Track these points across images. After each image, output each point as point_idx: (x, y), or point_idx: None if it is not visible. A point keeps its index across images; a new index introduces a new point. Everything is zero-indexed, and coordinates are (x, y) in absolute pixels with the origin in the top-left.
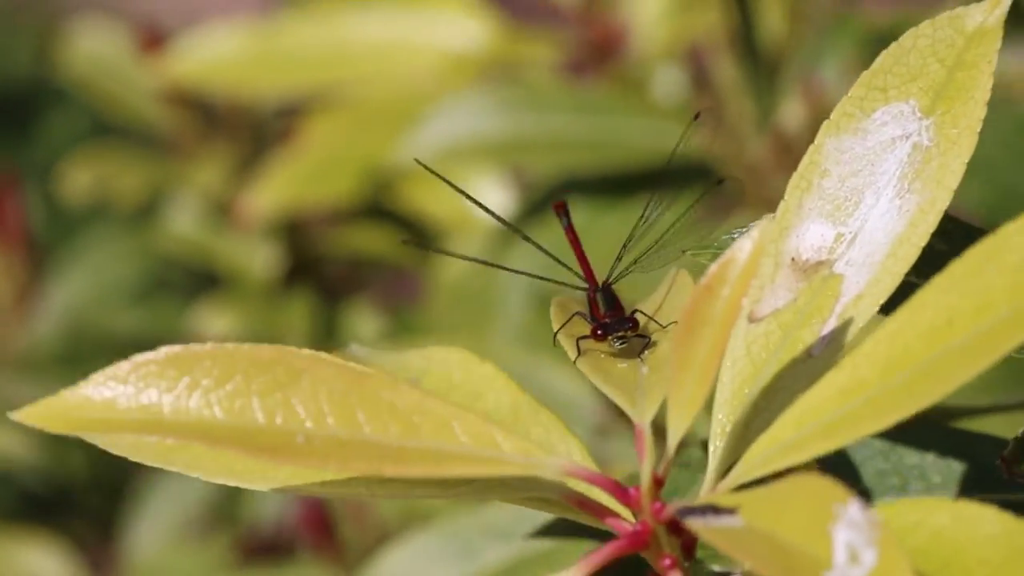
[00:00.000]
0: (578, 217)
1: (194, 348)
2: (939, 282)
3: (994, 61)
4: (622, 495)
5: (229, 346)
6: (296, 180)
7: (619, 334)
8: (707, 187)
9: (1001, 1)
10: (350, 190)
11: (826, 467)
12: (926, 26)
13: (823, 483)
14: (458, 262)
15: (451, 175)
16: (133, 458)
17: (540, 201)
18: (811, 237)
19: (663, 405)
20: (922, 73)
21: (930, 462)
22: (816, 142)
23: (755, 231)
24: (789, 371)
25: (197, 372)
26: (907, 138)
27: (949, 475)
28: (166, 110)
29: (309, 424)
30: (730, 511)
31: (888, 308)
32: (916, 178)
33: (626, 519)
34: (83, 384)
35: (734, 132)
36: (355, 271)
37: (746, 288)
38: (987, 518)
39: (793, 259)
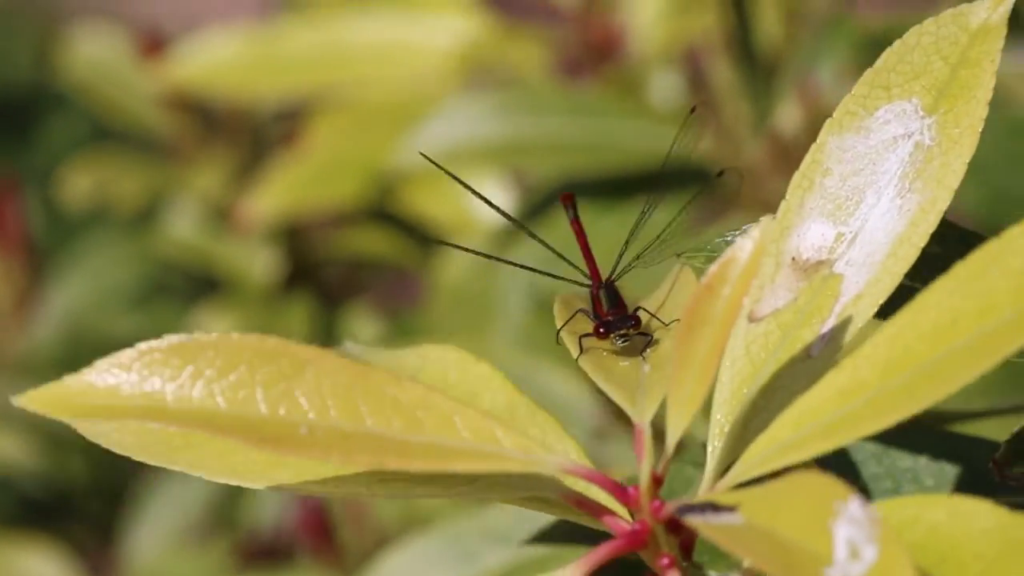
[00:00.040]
0: None
1: (199, 338)
2: (942, 284)
3: (997, 59)
4: (620, 494)
5: (234, 336)
6: (297, 184)
7: (621, 332)
8: (708, 181)
9: None
10: (352, 193)
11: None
12: (930, 23)
13: (823, 480)
14: (457, 265)
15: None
16: (136, 457)
17: (540, 204)
18: (812, 236)
19: (662, 406)
20: (925, 71)
21: (923, 465)
22: (819, 140)
23: (756, 231)
24: (788, 371)
25: (201, 361)
26: (909, 137)
27: (942, 478)
28: (166, 115)
29: (312, 416)
30: (730, 508)
31: (884, 310)
32: (917, 177)
33: (624, 519)
34: (86, 371)
35: (730, 134)
36: (355, 274)
37: (747, 287)
38: (982, 513)
39: (793, 259)
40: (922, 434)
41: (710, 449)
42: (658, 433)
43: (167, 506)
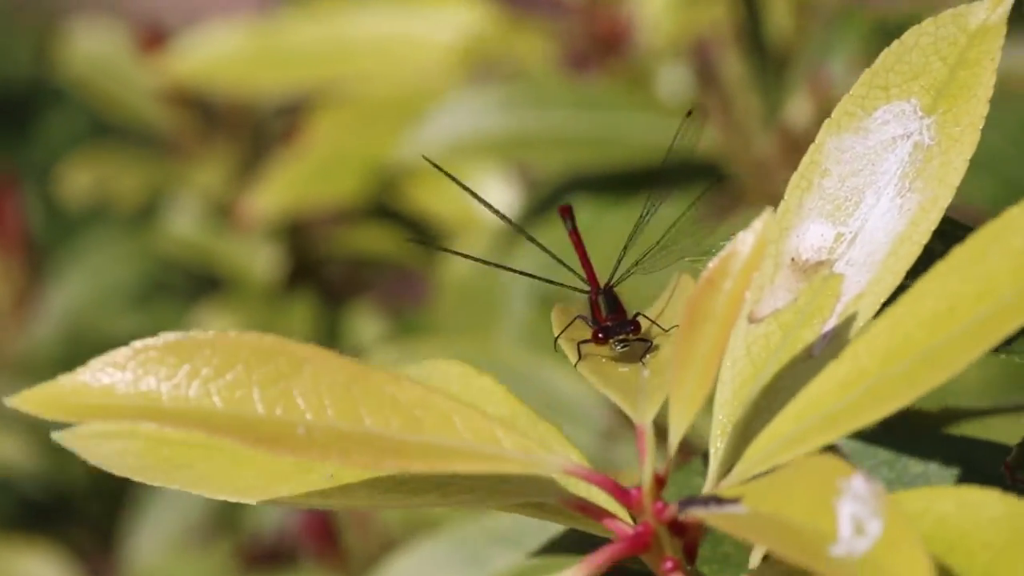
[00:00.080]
0: (582, 215)
1: (195, 336)
2: (941, 269)
3: (997, 59)
4: (622, 496)
5: (231, 335)
6: (299, 180)
7: (620, 337)
8: (707, 185)
9: None
10: (354, 189)
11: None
12: (928, 24)
13: (824, 460)
14: (462, 263)
15: (454, 173)
16: (136, 478)
17: (545, 199)
18: (811, 237)
19: (664, 408)
20: (924, 71)
21: (934, 471)
22: (817, 141)
23: (758, 223)
24: (789, 371)
25: (197, 360)
26: (908, 137)
27: (953, 483)
28: (166, 110)
29: (309, 416)
30: (733, 500)
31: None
32: (917, 177)
33: (626, 522)
34: (81, 370)
35: (740, 128)
36: (358, 272)
37: (749, 281)
38: (990, 502)
39: (793, 259)
40: (933, 440)
41: (712, 450)
42: (662, 435)
43: (168, 509)
